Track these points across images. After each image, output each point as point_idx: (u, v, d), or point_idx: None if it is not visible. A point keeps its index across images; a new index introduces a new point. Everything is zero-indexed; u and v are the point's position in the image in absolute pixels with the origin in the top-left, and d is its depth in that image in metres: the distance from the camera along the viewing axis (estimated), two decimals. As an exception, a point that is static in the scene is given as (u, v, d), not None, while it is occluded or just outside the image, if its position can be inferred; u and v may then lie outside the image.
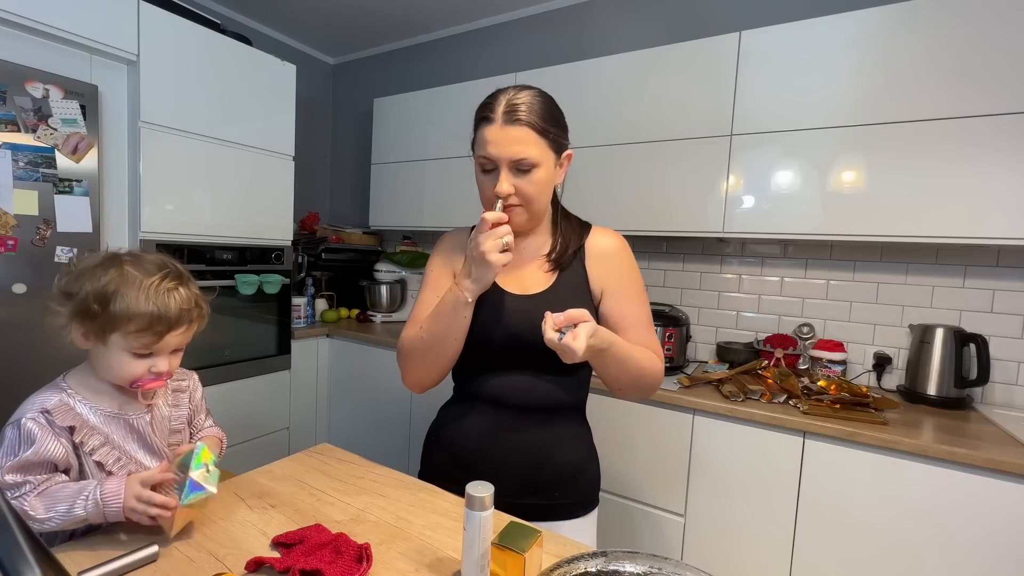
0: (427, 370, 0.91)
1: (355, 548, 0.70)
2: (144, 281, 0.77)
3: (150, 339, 0.77)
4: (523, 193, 0.85)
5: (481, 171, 0.88)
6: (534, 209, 0.88)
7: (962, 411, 1.48)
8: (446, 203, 2.36)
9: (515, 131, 0.82)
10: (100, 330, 0.75)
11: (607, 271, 0.94)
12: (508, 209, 0.87)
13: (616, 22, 2.21)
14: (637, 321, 0.92)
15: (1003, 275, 1.57)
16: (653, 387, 0.91)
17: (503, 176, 0.84)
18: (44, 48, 1.51)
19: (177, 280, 0.80)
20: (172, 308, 0.78)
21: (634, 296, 0.94)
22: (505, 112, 0.83)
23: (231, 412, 2.03)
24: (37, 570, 0.25)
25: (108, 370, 0.78)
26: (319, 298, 2.55)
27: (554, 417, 0.93)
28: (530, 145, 0.83)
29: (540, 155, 0.84)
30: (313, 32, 2.81)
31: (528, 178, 0.84)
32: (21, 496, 0.70)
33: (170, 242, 1.79)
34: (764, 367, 1.72)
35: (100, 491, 0.70)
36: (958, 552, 1.19)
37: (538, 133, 0.83)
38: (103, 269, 0.77)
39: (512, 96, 0.84)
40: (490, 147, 0.83)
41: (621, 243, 0.97)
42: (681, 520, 1.54)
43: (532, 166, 0.84)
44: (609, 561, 0.64)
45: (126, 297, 0.75)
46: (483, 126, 0.85)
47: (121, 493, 0.71)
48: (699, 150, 1.73)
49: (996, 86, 1.33)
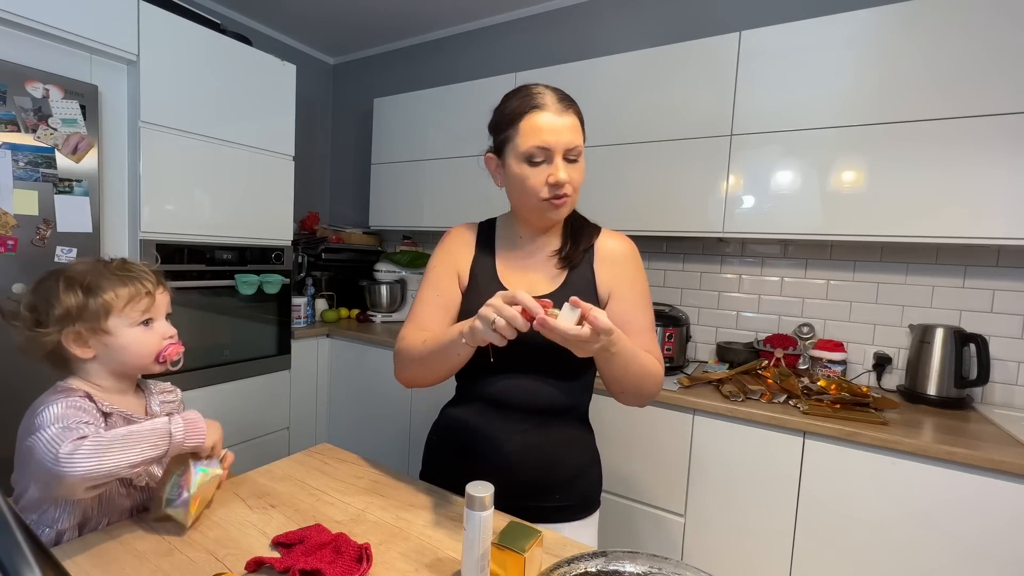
0: (420, 379, 0.91)
1: (355, 548, 0.70)
2: (98, 267, 0.81)
3: (146, 302, 0.81)
4: (574, 182, 0.86)
5: (528, 163, 0.85)
6: (576, 198, 0.90)
7: (962, 411, 1.48)
8: (446, 203, 2.36)
9: (570, 118, 0.84)
10: (95, 321, 0.77)
11: (616, 275, 0.93)
12: (563, 200, 0.86)
13: (615, 22, 2.21)
14: (642, 327, 0.91)
15: (1003, 275, 1.57)
16: (653, 393, 0.90)
17: (559, 164, 0.83)
18: (44, 48, 1.51)
19: (113, 259, 0.84)
20: (138, 271, 0.83)
21: (640, 302, 0.93)
22: (559, 99, 0.84)
23: (231, 412, 2.03)
24: (37, 570, 0.25)
25: (127, 356, 0.80)
26: (319, 298, 2.55)
27: (557, 420, 0.92)
28: (579, 133, 0.85)
29: (582, 145, 0.86)
30: (313, 32, 2.81)
31: (577, 167, 0.86)
32: (93, 436, 0.66)
33: (170, 242, 1.79)
34: (764, 367, 1.72)
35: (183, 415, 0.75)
36: (958, 552, 1.19)
37: (581, 123, 0.86)
38: (52, 282, 0.78)
39: (553, 87, 0.86)
40: (547, 135, 0.82)
41: (631, 248, 0.96)
42: (681, 520, 1.54)
43: (580, 154, 0.86)
44: (609, 561, 0.64)
45: (99, 281, 0.78)
46: (533, 114, 0.83)
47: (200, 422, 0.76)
48: (699, 150, 1.73)
49: (996, 86, 1.33)
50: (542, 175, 0.84)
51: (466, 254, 0.98)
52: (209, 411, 2.06)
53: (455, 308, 0.97)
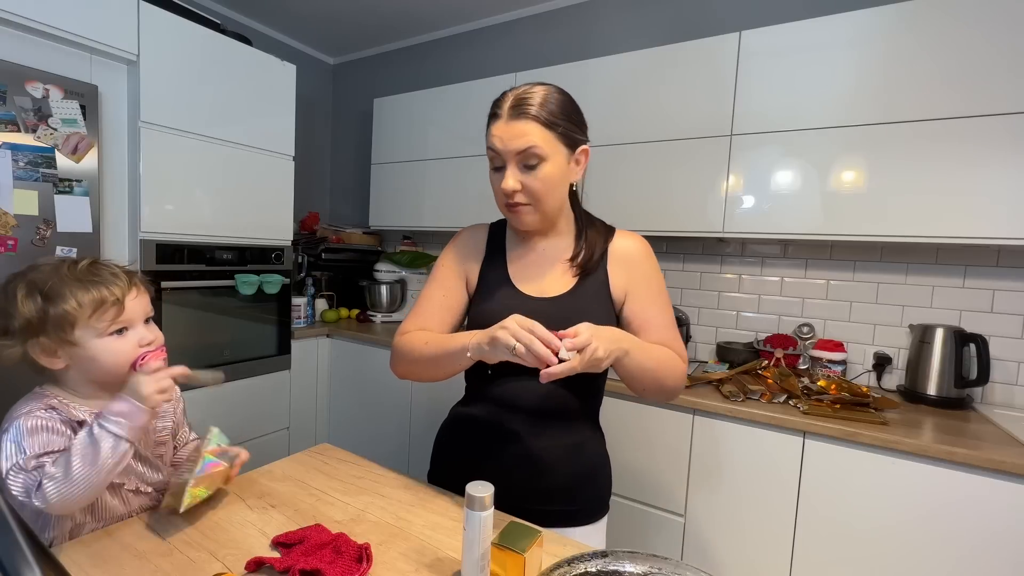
0: (416, 376, 0.91)
1: (355, 548, 0.70)
2: (60, 271, 0.73)
3: (113, 311, 0.73)
4: (530, 190, 0.83)
5: (492, 168, 0.86)
6: (544, 208, 0.85)
7: (962, 411, 1.48)
8: (446, 203, 2.36)
9: (521, 125, 0.80)
10: (60, 333, 0.71)
11: (630, 274, 0.92)
12: (516, 208, 0.84)
13: (615, 22, 2.21)
14: (660, 324, 0.90)
15: (1003, 275, 1.57)
16: (676, 387, 0.88)
17: (509, 171, 0.82)
18: (44, 48, 1.51)
19: (82, 259, 0.77)
20: (105, 275, 0.75)
21: (657, 299, 0.92)
22: (512, 107, 0.81)
23: (231, 412, 2.03)
24: (37, 570, 0.25)
25: (101, 367, 0.74)
26: (319, 298, 2.55)
27: (567, 423, 0.91)
28: (535, 138, 0.80)
29: (548, 149, 0.81)
30: (313, 32, 2.81)
31: (535, 174, 0.82)
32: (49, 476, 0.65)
33: (170, 242, 1.79)
34: (764, 367, 1.72)
35: (111, 411, 0.68)
36: (958, 552, 1.19)
37: (544, 126, 0.80)
38: (12, 287, 0.72)
39: (522, 91, 0.82)
40: (496, 141, 0.82)
41: (644, 246, 0.95)
42: (681, 520, 1.54)
43: (539, 160, 0.81)
44: (609, 561, 0.64)
45: (58, 289, 0.71)
46: (492, 122, 0.84)
47: (131, 400, 0.69)
48: (699, 150, 1.73)
49: (996, 86, 1.33)
50: (500, 182, 0.83)
51: (476, 256, 0.97)
52: (209, 411, 2.06)
53: (459, 309, 0.96)
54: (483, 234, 0.99)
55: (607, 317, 0.89)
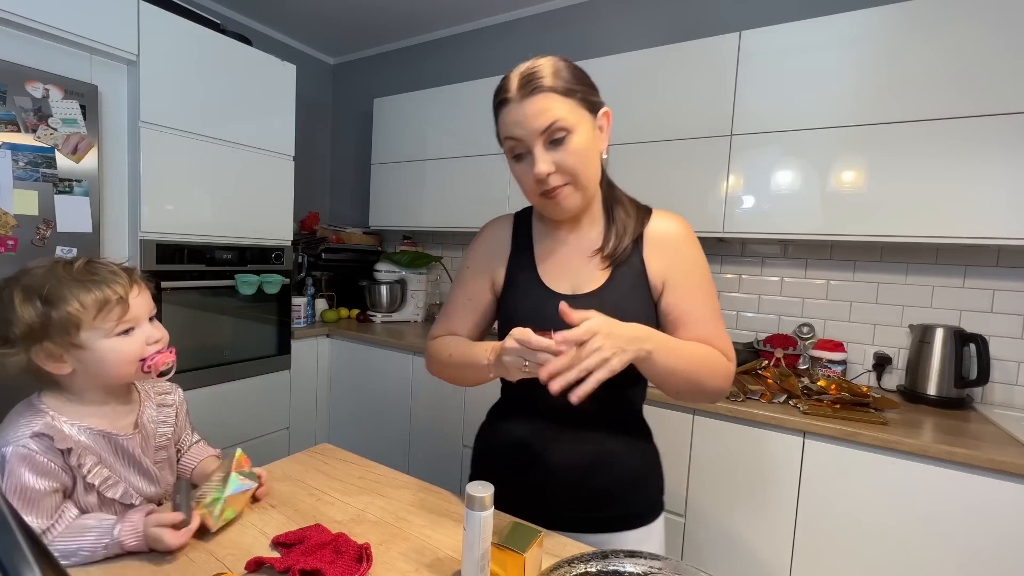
0: (450, 381, 0.90)
1: (355, 548, 0.70)
2: (56, 272, 0.71)
3: (118, 310, 0.71)
4: (565, 167, 0.75)
5: (514, 160, 0.78)
6: (583, 183, 0.78)
7: (962, 411, 1.48)
8: (446, 203, 2.36)
9: (538, 101, 0.73)
10: (65, 337, 0.69)
11: (669, 261, 0.83)
12: (554, 193, 0.76)
13: (615, 22, 2.21)
14: (702, 316, 0.81)
15: (1003, 275, 1.57)
16: (717, 388, 0.78)
17: (538, 155, 0.74)
18: (44, 48, 1.51)
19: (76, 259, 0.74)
20: (104, 274, 0.73)
21: (699, 288, 0.83)
22: (521, 86, 0.74)
23: (231, 412, 2.03)
24: (37, 570, 0.25)
25: (110, 369, 0.73)
26: (319, 298, 2.55)
27: (610, 424, 0.85)
28: (558, 110, 0.73)
29: (572, 119, 0.74)
30: (313, 32, 2.81)
31: (565, 148, 0.74)
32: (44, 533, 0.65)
33: (170, 242, 1.79)
34: (764, 367, 1.72)
35: (118, 530, 0.68)
36: (958, 551, 1.19)
37: (563, 95, 0.73)
38: (7, 293, 0.69)
39: (526, 68, 0.75)
40: (514, 127, 0.74)
41: (685, 228, 0.85)
42: (681, 520, 1.54)
43: (566, 132, 0.73)
44: (609, 561, 0.64)
45: (58, 291, 0.68)
46: (502, 110, 0.76)
47: (140, 530, 0.68)
48: (699, 150, 1.73)
49: (996, 86, 1.33)
50: (529, 171, 0.76)
51: (502, 253, 0.91)
52: (209, 411, 2.05)
53: (485, 311, 0.93)
54: (507, 228, 0.93)
55: (645, 312, 0.82)
